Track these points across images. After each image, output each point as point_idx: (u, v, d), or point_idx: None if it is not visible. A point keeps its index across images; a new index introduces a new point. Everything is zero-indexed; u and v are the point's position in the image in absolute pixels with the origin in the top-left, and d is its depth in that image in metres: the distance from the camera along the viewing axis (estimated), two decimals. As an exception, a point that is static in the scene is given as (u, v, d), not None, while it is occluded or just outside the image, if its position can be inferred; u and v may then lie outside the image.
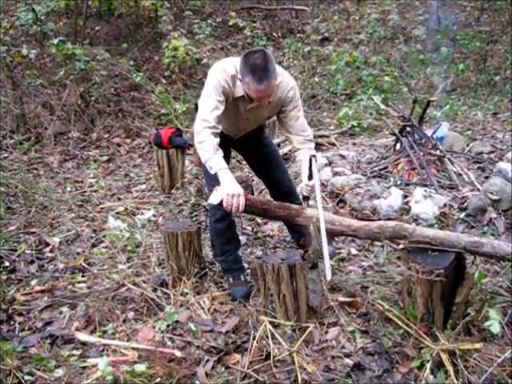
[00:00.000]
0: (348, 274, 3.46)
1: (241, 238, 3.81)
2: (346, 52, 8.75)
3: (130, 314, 3.18)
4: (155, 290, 3.40)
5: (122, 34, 9.43)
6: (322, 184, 4.98)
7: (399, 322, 2.79)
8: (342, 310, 3.02)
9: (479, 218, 4.18)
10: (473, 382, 2.40)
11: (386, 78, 8.51)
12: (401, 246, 2.85)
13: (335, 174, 5.04)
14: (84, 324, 3.10)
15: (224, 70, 2.97)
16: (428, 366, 2.46)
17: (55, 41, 7.05)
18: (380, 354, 2.64)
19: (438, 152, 5.04)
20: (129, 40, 9.08)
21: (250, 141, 3.47)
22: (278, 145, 5.80)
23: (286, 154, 5.57)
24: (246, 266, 3.56)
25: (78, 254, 4.09)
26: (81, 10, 8.16)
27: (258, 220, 4.38)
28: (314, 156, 3.16)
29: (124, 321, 3.12)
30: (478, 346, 2.50)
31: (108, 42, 9.08)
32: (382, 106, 6.93)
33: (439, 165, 5.00)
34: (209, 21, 8.90)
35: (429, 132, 5.48)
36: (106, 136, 7.13)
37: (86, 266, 3.87)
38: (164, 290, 3.38)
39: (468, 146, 5.68)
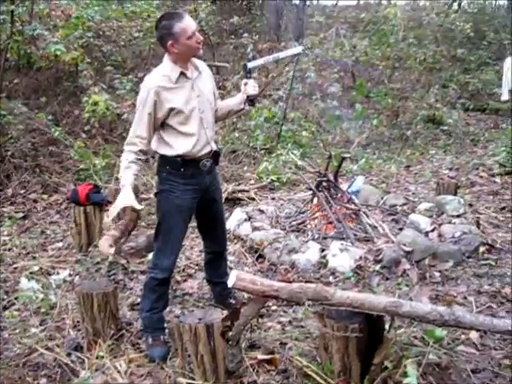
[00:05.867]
0: (267, 331, 3.47)
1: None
2: (265, 108, 8.98)
3: (42, 381, 3.05)
4: (69, 354, 3.28)
5: (42, 87, 9.28)
6: (242, 239, 5.03)
7: (317, 378, 2.80)
8: (261, 367, 3.00)
9: (394, 270, 4.31)
10: None
11: (304, 133, 8.75)
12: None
13: (254, 228, 5.08)
14: (-8, 393, 2.95)
15: (149, 80, 3.16)
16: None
17: (-30, 94, 6.88)
18: (298, 412, 2.64)
19: (353, 206, 5.21)
20: (48, 94, 8.95)
21: (214, 176, 3.53)
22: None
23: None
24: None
25: (-12, 317, 3.91)
26: (-2, 62, 8.02)
27: (177, 277, 4.34)
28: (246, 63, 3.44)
29: (35, 388, 2.98)
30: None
31: (27, 95, 8.90)
32: (299, 162, 7.11)
33: (355, 218, 5.15)
34: (130, 76, 8.91)
35: (345, 186, 5.66)
36: (22, 192, 6.91)
37: (-4, 330, 3.69)
38: (78, 354, 3.26)
39: (382, 198, 5.89)
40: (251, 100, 3.45)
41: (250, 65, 3.43)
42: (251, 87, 3.41)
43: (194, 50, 3.16)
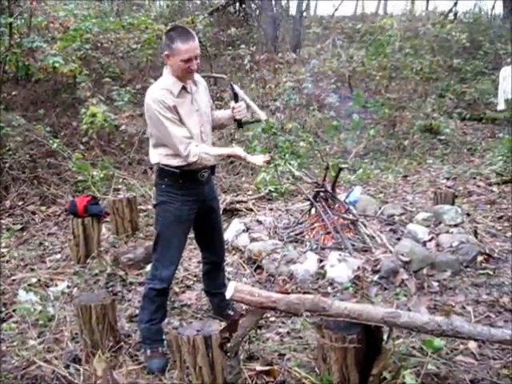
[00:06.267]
0: (265, 342, 3.46)
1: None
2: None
3: (40, 394, 3.04)
4: (67, 366, 3.27)
5: (40, 99, 9.31)
6: (240, 250, 5.03)
7: (316, 389, 2.81)
8: (260, 379, 3.00)
9: (392, 280, 4.31)
10: None
11: (302, 143, 8.79)
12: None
13: (252, 239, 5.09)
14: (-10, 407, 2.94)
15: (154, 93, 3.17)
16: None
17: (-32, 106, 6.91)
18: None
19: (351, 216, 5.21)
20: (46, 105, 8.98)
21: (211, 186, 3.57)
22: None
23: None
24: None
25: (-14, 330, 3.90)
26: (-3, 74, 8.05)
27: (176, 289, 4.34)
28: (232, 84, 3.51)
29: (33, 401, 2.98)
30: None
31: (25, 107, 8.92)
32: (297, 173, 7.13)
33: (353, 228, 5.16)
34: (128, 87, 8.96)
35: (342, 196, 5.67)
36: (20, 203, 6.91)
37: (-6, 343, 3.69)
38: (77, 366, 3.26)
39: (380, 208, 5.90)
40: (239, 122, 3.51)
41: (236, 87, 3.46)
42: (238, 112, 3.45)
43: (183, 74, 3.18)
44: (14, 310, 4.12)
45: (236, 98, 3.36)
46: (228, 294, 2.76)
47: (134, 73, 10.63)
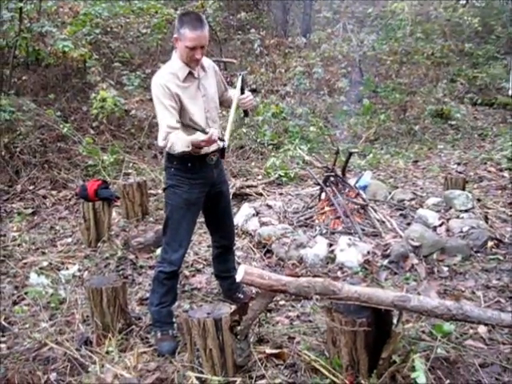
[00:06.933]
0: (275, 325, 3.48)
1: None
2: (272, 103, 8.98)
3: (52, 375, 3.07)
4: (79, 348, 3.30)
5: (50, 84, 9.30)
6: (250, 234, 5.04)
7: (325, 372, 2.83)
8: (270, 362, 3.02)
9: (401, 265, 4.32)
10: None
11: (312, 128, 8.76)
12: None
13: (262, 224, 5.10)
14: (2, 387, 2.98)
15: (159, 77, 3.17)
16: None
17: (-21, 91, 6.93)
18: (307, 406, 2.65)
19: (361, 201, 5.21)
20: (56, 90, 8.97)
21: (221, 169, 3.54)
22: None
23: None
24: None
25: (-2, 312, 3.94)
26: (7, 59, 8.05)
27: (186, 272, 4.37)
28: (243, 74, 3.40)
29: (46, 382, 3.00)
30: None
31: (35, 91, 8.93)
32: (307, 157, 7.11)
33: (363, 213, 5.15)
34: (138, 72, 8.94)
35: (353, 181, 5.66)
36: (31, 188, 6.95)
37: (7, 325, 3.72)
38: (88, 348, 3.29)
39: (390, 193, 5.90)
40: (245, 112, 3.50)
41: (241, 80, 3.40)
42: (243, 104, 3.37)
43: (187, 60, 3.17)
44: (25, 293, 4.17)
45: (243, 89, 3.33)
46: (238, 277, 2.77)
47: (144, 57, 10.59)
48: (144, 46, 10.70)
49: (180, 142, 3.03)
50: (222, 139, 3.13)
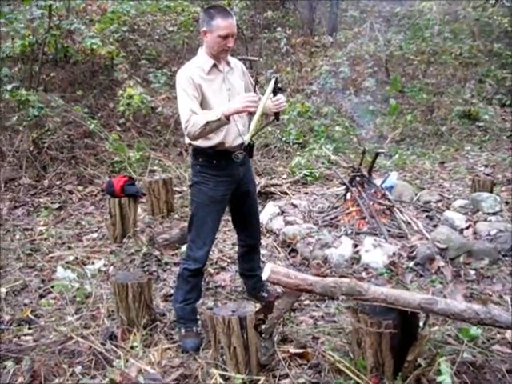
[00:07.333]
0: (299, 325, 3.47)
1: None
2: (298, 102, 8.96)
3: (78, 369, 3.10)
4: (104, 342, 3.33)
5: (78, 80, 9.40)
6: (274, 233, 5.03)
7: (350, 373, 2.81)
8: (293, 361, 3.02)
9: (427, 267, 4.28)
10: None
11: (338, 127, 8.72)
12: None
13: (287, 223, 5.09)
14: (29, 379, 2.99)
15: (184, 70, 3.21)
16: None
17: (9, 87, 7.01)
18: (331, 406, 2.64)
19: (387, 201, 5.17)
20: (84, 87, 9.06)
21: (247, 168, 3.53)
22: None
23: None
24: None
25: (25, 305, 3.98)
26: (36, 56, 8.14)
27: (210, 270, 4.38)
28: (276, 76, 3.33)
29: (71, 375, 3.03)
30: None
31: (63, 88, 9.03)
32: (333, 157, 7.08)
33: (388, 214, 5.11)
34: (164, 70, 8.99)
35: (378, 181, 5.62)
36: (58, 183, 7.03)
37: (33, 317, 3.76)
38: (113, 342, 3.32)
39: (416, 194, 5.84)
40: (277, 115, 3.36)
41: (279, 77, 3.37)
42: (275, 106, 3.23)
43: (219, 50, 3.19)
44: (52, 287, 4.21)
45: (275, 91, 3.29)
46: (264, 276, 2.77)
47: (171, 55, 10.65)
48: (170, 44, 10.76)
49: (202, 117, 3.04)
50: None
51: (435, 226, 4.90)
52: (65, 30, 8.02)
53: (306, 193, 6.30)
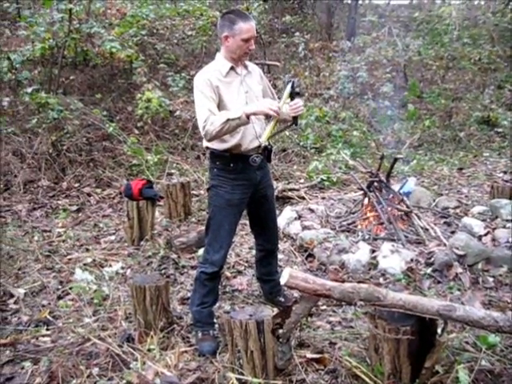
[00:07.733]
0: (316, 330, 3.46)
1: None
2: (316, 107, 8.96)
3: (95, 370, 3.11)
4: (121, 345, 3.35)
5: (97, 83, 9.48)
6: (292, 238, 5.03)
7: (367, 379, 2.79)
8: (310, 366, 3.01)
9: (445, 273, 4.24)
10: None
11: (355, 132, 8.71)
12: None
13: (304, 227, 5.09)
14: (47, 380, 3.01)
15: (202, 73, 3.23)
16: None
17: (29, 89, 7.10)
18: (347, 412, 2.63)
19: (405, 207, 5.14)
20: (103, 90, 9.14)
21: (265, 173, 3.52)
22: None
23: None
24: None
25: (43, 306, 4.01)
26: (56, 59, 8.22)
27: (227, 273, 4.38)
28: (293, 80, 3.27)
29: (88, 376, 3.04)
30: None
31: (82, 91, 9.12)
32: (351, 162, 7.07)
33: (406, 220, 5.08)
34: (183, 74, 9.04)
35: (396, 187, 5.59)
36: (77, 185, 7.09)
37: (51, 318, 3.79)
38: (130, 345, 3.33)
39: (434, 200, 5.81)
40: (295, 119, 3.30)
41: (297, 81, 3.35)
42: (293, 110, 3.19)
43: (241, 53, 3.22)
44: (70, 288, 4.24)
45: (292, 95, 3.27)
46: (283, 280, 2.77)
47: (189, 59, 10.71)
48: (189, 48, 10.83)
49: (222, 115, 3.07)
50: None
51: (453, 233, 4.86)
52: (84, 33, 8.11)
53: (324, 198, 6.28)
